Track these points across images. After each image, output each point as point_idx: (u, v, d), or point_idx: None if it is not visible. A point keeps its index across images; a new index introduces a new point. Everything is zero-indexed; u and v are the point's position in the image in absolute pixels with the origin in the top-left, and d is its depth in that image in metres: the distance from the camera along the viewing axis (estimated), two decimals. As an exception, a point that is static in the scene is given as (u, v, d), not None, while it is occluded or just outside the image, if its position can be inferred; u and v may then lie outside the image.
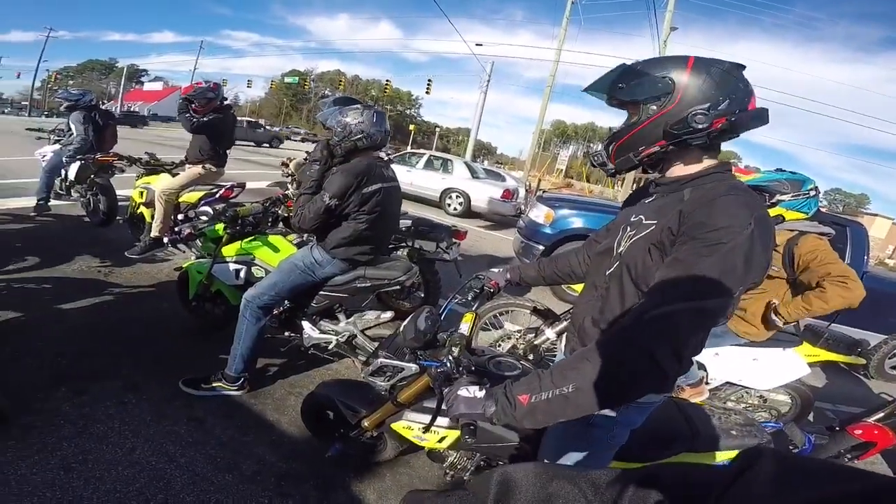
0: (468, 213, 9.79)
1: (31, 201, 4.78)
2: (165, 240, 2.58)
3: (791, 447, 1.80)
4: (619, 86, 1.02)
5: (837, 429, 2.52)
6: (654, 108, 0.98)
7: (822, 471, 0.35)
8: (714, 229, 0.85)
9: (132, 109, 41.39)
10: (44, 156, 4.83)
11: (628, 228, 1.10)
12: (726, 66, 0.96)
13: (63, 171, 4.63)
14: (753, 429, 1.53)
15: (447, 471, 1.64)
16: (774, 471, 0.35)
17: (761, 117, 0.97)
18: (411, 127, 45.99)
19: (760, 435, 1.52)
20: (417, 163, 10.68)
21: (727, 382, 2.51)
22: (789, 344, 2.45)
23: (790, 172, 2.36)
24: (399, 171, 11.05)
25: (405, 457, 2.00)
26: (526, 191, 11.48)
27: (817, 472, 0.34)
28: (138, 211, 4.00)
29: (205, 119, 3.74)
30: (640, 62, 1.03)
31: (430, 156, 11.04)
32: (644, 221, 1.05)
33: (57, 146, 4.75)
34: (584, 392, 0.82)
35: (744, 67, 0.99)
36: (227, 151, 4.10)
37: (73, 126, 4.50)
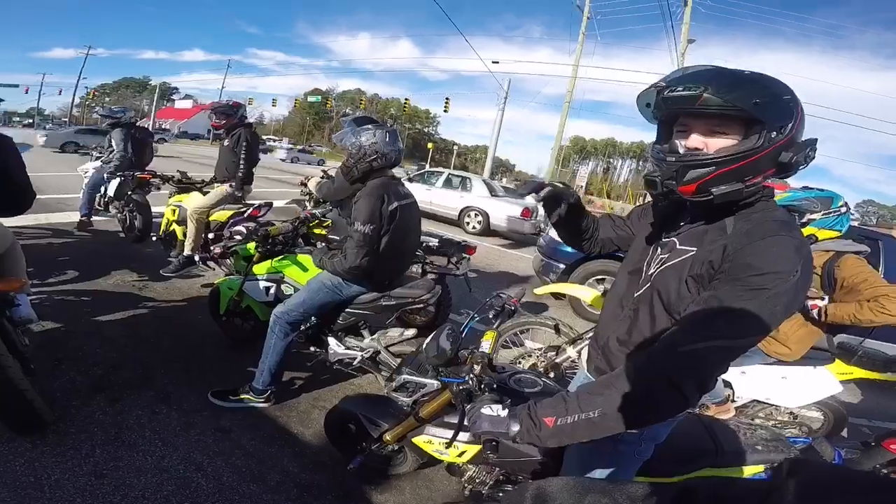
0: (487, 231, 9.81)
1: (69, 216, 5.02)
2: (196, 257, 2.66)
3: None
4: (755, 100, 0.84)
5: (873, 444, 2.41)
6: (775, 134, 0.87)
7: (851, 480, 0.35)
8: (760, 273, 0.83)
9: (163, 127, 43.14)
10: (85, 172, 5.07)
11: (659, 250, 1.06)
12: None
13: (103, 188, 4.82)
14: (780, 444, 1.49)
15: (466, 484, 1.64)
16: (804, 483, 0.35)
17: None
18: (429, 145, 46.73)
19: (787, 450, 1.48)
20: (436, 181, 10.78)
21: (754, 400, 2.44)
22: (821, 362, 2.37)
23: (818, 190, 2.31)
24: (418, 189, 11.04)
25: (425, 470, 2.01)
26: (545, 208, 11.44)
27: (846, 481, 0.35)
28: (171, 228, 4.13)
29: (245, 143, 3.91)
30: (757, 76, 0.89)
31: (449, 174, 11.14)
32: (678, 246, 1.01)
33: (98, 163, 4.97)
34: (610, 417, 0.84)
35: None
36: (254, 170, 4.21)
37: (114, 143, 4.70)
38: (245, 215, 3.80)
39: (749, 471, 1.44)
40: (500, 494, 1.61)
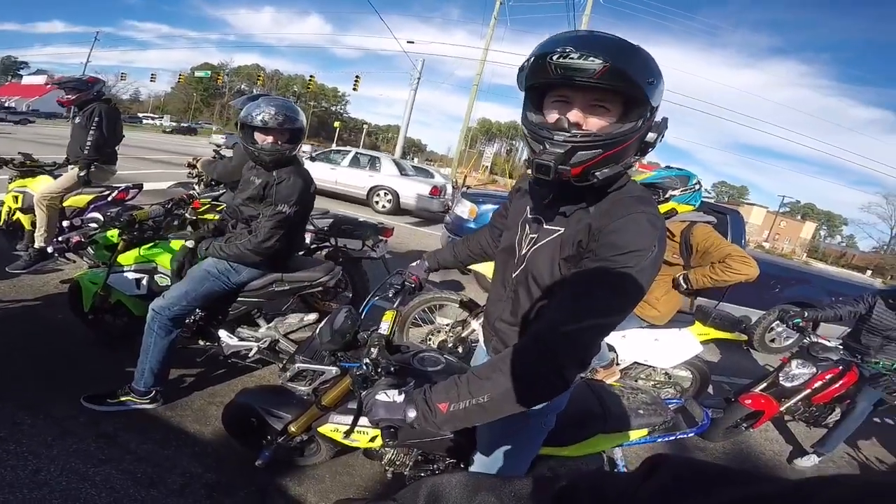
0: (397, 210, 9.75)
1: None
2: (50, 249, 2.28)
3: (693, 421, 1.90)
4: (650, 80, 0.81)
5: (733, 400, 2.79)
6: (648, 114, 0.87)
7: (713, 478, 0.37)
8: (623, 252, 0.85)
9: (7, 105, 35.80)
10: None
11: (528, 228, 1.06)
12: None
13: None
14: (658, 407, 1.64)
15: (386, 468, 1.63)
16: (669, 478, 0.38)
17: None
18: (336, 124, 44.70)
19: (665, 413, 1.63)
20: (342, 161, 10.41)
21: (635, 362, 2.70)
22: (684, 324, 2.68)
23: (678, 169, 2.61)
24: (323, 168, 10.55)
25: (344, 457, 1.98)
26: (453, 187, 11.66)
27: (707, 479, 0.37)
28: (14, 218, 3.49)
29: (97, 119, 3.42)
30: (643, 51, 0.84)
31: (357, 153, 10.80)
32: (545, 226, 1.02)
33: None
34: (498, 401, 0.84)
35: None
36: (117, 148, 3.72)
37: None
38: (109, 199, 3.33)
39: (635, 434, 1.58)
40: (400, 493, 1.61)
